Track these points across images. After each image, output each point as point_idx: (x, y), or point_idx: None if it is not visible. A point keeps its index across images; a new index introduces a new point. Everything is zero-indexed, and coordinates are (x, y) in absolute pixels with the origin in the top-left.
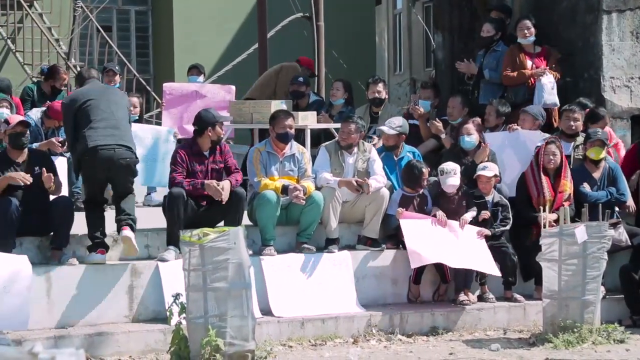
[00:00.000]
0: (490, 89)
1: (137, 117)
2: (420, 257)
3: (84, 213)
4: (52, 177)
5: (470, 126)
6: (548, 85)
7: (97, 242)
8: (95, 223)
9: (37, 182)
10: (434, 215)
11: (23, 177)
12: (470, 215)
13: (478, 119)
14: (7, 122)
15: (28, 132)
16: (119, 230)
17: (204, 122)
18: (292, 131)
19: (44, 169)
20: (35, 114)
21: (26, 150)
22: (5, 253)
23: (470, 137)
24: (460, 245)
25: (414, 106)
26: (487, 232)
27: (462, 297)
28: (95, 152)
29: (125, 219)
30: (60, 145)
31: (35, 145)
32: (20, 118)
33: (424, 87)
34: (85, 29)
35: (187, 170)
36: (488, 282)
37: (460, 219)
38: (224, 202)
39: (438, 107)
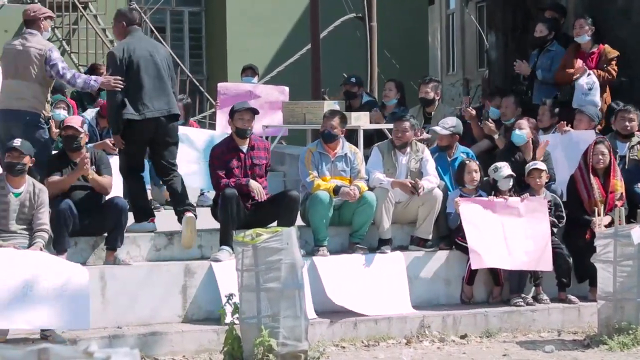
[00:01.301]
0: (543, 89)
1: (182, 122)
2: (482, 259)
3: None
4: (86, 160)
5: (523, 121)
6: (584, 87)
7: (147, 211)
8: (139, 192)
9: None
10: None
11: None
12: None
13: (533, 120)
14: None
15: (82, 134)
16: (180, 216)
17: (229, 113)
18: (336, 131)
19: (85, 158)
20: (90, 114)
21: (83, 150)
22: (60, 256)
23: (522, 132)
24: (521, 229)
25: (466, 108)
26: (547, 199)
27: (516, 299)
28: (148, 122)
29: (188, 207)
30: (113, 146)
31: (89, 145)
32: (75, 121)
33: (493, 95)
34: None
35: (224, 167)
36: (542, 283)
37: (521, 196)
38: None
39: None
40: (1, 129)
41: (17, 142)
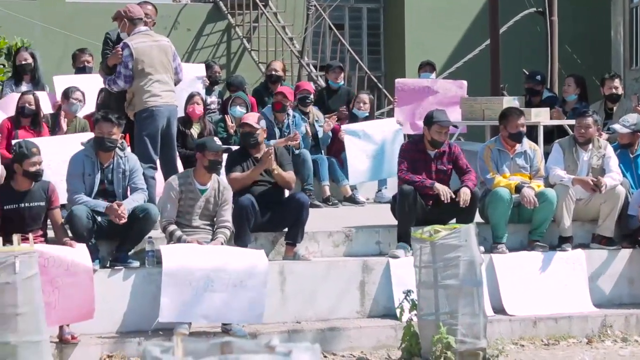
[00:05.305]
0: None
1: (367, 114)
2: None
3: (317, 209)
4: (271, 154)
5: None
6: None
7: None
8: None
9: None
10: None
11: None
12: None
13: None
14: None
15: (259, 130)
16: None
17: (426, 120)
18: (524, 129)
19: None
20: (268, 109)
21: (263, 145)
22: (243, 248)
23: None
24: None
25: (635, 106)
26: None
27: None
28: None
29: None
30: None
31: (272, 142)
32: (252, 118)
33: None
34: (318, 27)
35: (411, 165)
36: None
37: None
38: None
39: None
40: (155, 124)
41: (219, 140)
